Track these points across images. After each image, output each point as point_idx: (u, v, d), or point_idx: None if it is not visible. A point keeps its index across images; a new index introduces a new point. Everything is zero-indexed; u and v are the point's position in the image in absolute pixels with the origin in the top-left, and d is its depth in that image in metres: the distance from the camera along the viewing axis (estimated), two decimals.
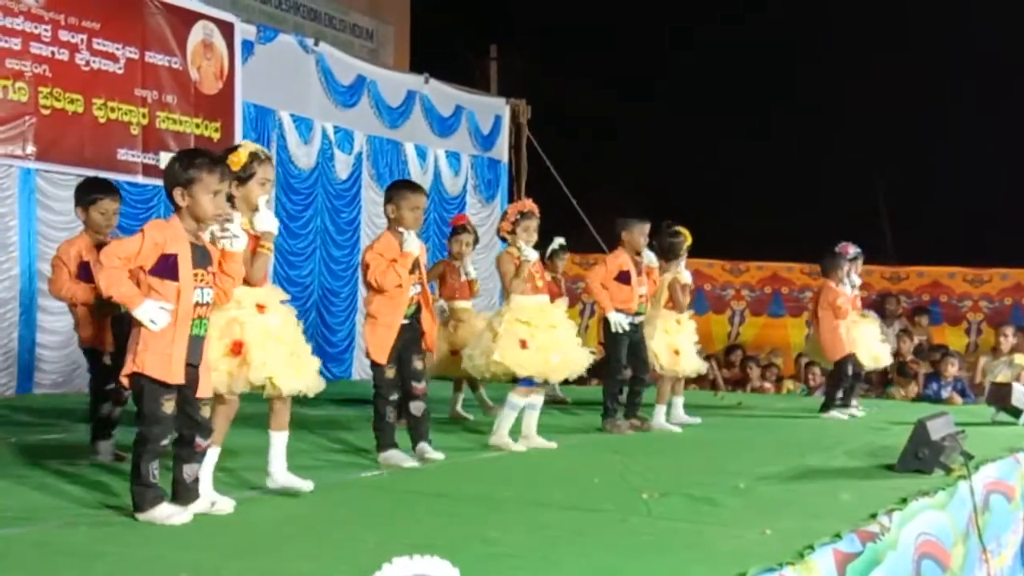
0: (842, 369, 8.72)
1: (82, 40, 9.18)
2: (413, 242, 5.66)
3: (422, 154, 12.94)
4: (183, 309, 4.09)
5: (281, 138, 11.12)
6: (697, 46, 21.22)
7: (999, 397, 8.62)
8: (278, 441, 4.71)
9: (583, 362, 6.46)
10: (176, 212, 4.20)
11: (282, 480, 4.71)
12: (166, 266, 4.09)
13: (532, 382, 6.32)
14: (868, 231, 15.68)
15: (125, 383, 4.15)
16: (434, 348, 6.21)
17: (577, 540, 3.98)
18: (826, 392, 9.16)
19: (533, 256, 6.38)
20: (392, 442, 5.70)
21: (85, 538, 3.90)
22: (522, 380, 6.31)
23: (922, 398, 11.18)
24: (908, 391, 11.51)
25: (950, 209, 19.59)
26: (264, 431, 4.74)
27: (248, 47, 10.71)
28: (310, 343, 4.88)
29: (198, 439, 4.21)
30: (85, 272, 5.59)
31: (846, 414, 8.62)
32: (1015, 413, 8.33)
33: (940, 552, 4.73)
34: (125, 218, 6.06)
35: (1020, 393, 8.41)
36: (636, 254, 7.39)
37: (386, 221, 5.84)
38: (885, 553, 4.12)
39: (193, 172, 4.15)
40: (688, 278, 7.90)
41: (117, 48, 9.45)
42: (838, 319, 8.62)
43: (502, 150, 14.31)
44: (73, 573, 3.47)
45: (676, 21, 21.17)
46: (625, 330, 7.21)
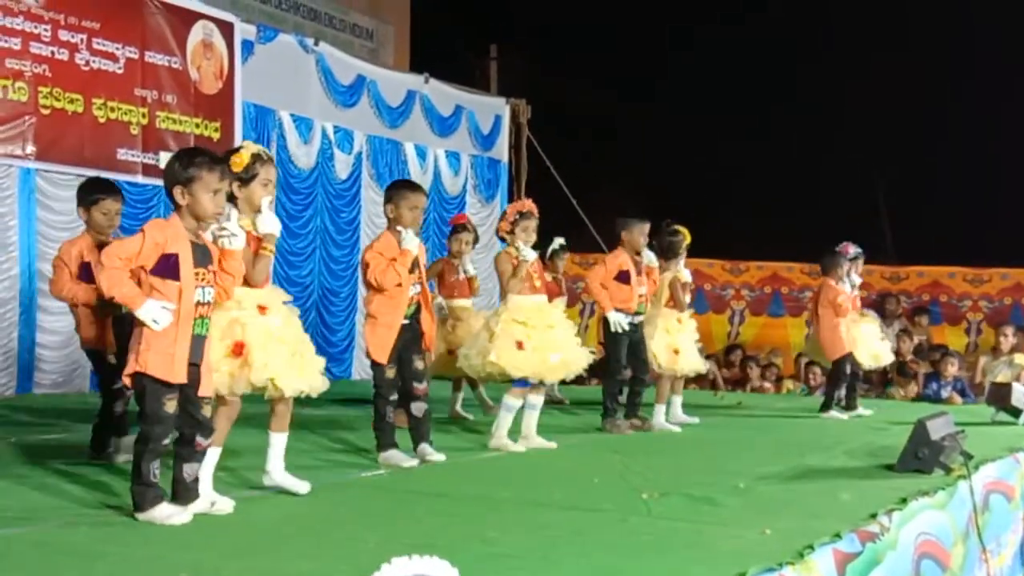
0: (840, 368, 8.72)
1: (82, 40, 9.18)
2: (411, 240, 5.65)
3: (422, 154, 12.95)
4: (185, 308, 4.09)
5: (281, 138, 11.12)
6: (697, 46, 21.22)
7: (999, 397, 8.62)
8: (277, 442, 4.71)
9: (581, 362, 6.45)
10: (176, 211, 4.20)
11: (279, 479, 4.71)
12: (167, 266, 4.09)
13: (527, 383, 6.32)
14: (868, 231, 15.68)
15: (127, 383, 4.15)
16: (433, 348, 6.21)
17: (577, 540, 3.98)
18: (826, 392, 9.16)
19: (531, 256, 6.36)
20: (392, 442, 5.70)
21: (85, 538, 3.90)
22: (517, 381, 6.30)
23: (922, 398, 11.19)
24: (908, 391, 11.52)
25: (950, 209, 19.59)
26: (265, 431, 4.74)
27: (248, 47, 10.71)
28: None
29: (199, 438, 4.22)
30: (86, 273, 5.57)
31: (851, 415, 8.63)
32: (1015, 413, 8.33)
33: (940, 552, 4.73)
34: (125, 218, 6.02)
35: (1020, 393, 8.41)
36: (636, 254, 7.40)
37: (386, 221, 5.84)
38: (885, 553, 4.13)
39: (193, 170, 4.15)
40: (688, 276, 7.92)
41: (117, 48, 9.45)
42: (839, 317, 8.63)
43: (502, 150, 14.31)
44: (73, 573, 3.47)
45: (676, 21, 21.17)
46: (625, 330, 7.21)
